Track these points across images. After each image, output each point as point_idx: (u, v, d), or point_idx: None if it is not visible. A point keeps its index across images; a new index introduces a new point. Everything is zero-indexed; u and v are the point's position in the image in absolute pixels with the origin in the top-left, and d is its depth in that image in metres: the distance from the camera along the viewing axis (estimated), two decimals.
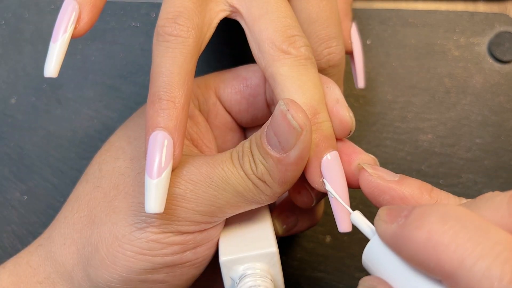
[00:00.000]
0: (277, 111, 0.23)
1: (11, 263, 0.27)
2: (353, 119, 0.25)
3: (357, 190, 0.24)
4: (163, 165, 0.22)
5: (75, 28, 0.23)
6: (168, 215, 0.23)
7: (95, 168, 0.27)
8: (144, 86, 0.37)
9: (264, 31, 0.24)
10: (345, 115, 0.25)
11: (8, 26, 0.39)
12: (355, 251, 0.34)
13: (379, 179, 0.23)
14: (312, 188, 0.26)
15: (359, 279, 0.35)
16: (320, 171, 0.24)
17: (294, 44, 0.24)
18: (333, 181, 0.24)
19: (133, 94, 0.37)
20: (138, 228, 0.24)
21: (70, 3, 0.23)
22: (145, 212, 0.23)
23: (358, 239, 0.34)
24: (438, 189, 0.23)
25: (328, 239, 0.35)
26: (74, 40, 0.38)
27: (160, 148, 0.23)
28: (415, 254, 0.18)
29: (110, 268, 0.24)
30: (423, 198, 0.23)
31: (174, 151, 0.23)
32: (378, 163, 0.25)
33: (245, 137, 0.29)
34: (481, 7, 0.38)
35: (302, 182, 0.26)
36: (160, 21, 0.24)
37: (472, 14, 0.37)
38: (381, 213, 0.21)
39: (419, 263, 0.18)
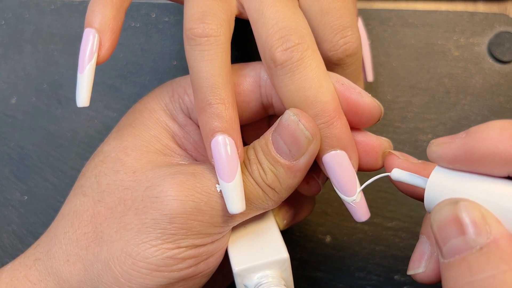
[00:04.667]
0: (286, 121, 0.23)
1: (7, 276, 0.26)
2: (381, 105, 0.25)
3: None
4: (233, 167, 0.23)
5: (98, 55, 0.24)
6: (183, 230, 0.23)
7: (92, 180, 0.26)
8: (144, 86, 0.38)
9: (259, 38, 0.24)
10: (374, 105, 0.25)
11: (8, 26, 0.39)
12: (355, 251, 0.34)
13: (406, 162, 0.24)
14: (319, 176, 0.27)
15: (359, 279, 0.35)
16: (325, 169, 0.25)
17: (281, 47, 0.24)
18: (334, 179, 0.25)
19: (133, 94, 0.37)
20: (152, 245, 0.23)
21: (90, 32, 0.24)
22: (159, 230, 0.23)
23: (358, 239, 0.34)
24: None
25: (328, 239, 0.35)
26: (75, 40, 0.39)
27: (225, 151, 0.23)
28: (489, 152, 0.19)
29: (125, 286, 0.24)
30: None
31: (238, 151, 0.23)
32: (391, 144, 0.26)
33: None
34: (481, 7, 0.38)
35: (310, 172, 0.26)
36: (187, 24, 0.24)
37: (472, 14, 0.37)
38: (436, 140, 0.21)
39: (494, 161, 0.19)
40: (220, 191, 0.24)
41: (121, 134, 0.27)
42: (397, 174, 0.24)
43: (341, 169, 0.24)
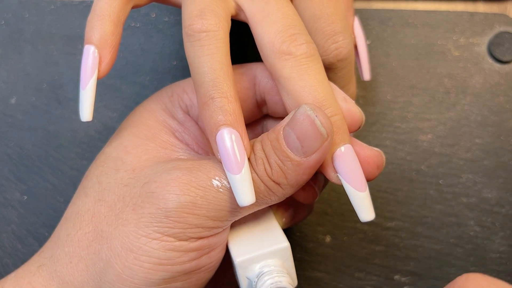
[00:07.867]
0: (301, 115, 0.23)
1: (10, 284, 0.26)
2: (363, 114, 0.25)
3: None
4: (239, 159, 0.23)
5: (98, 71, 0.25)
6: (180, 224, 0.23)
7: (94, 181, 0.27)
8: (144, 86, 0.37)
9: (266, 34, 0.25)
10: (356, 111, 0.25)
11: (8, 26, 0.39)
12: (355, 251, 0.34)
13: None
14: (316, 183, 0.27)
15: (359, 279, 0.35)
16: (333, 165, 0.24)
17: (295, 42, 0.24)
18: (346, 175, 0.24)
19: (133, 94, 0.37)
20: (153, 239, 0.24)
21: (90, 48, 0.25)
22: (156, 223, 0.23)
23: (358, 239, 0.34)
24: None
25: (328, 239, 0.35)
26: (75, 40, 0.39)
27: (231, 145, 0.23)
28: None
29: (127, 282, 0.24)
30: None
31: (243, 143, 0.23)
32: (383, 156, 0.25)
33: None
34: (481, 7, 0.38)
35: None
36: (186, 21, 0.24)
37: (472, 14, 0.37)
38: None
39: None
40: (217, 185, 0.24)
41: (122, 134, 0.28)
42: None
43: (355, 163, 0.24)
